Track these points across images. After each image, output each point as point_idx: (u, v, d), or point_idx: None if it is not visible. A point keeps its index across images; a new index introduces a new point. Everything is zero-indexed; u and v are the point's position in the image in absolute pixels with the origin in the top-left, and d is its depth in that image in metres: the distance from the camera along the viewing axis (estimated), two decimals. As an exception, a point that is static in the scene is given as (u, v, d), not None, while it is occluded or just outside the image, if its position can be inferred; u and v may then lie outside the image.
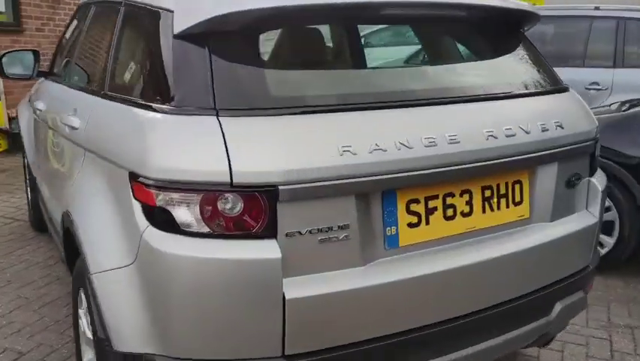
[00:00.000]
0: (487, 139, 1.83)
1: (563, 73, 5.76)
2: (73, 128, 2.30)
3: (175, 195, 1.57)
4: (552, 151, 2.00)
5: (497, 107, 1.96)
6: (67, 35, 3.44)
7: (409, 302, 1.77)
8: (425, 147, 1.72)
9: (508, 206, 1.98)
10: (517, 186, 1.99)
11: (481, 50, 2.36)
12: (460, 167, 1.78)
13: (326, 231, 1.63)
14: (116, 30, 2.30)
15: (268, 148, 1.57)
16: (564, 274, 2.13)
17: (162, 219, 1.60)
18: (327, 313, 1.65)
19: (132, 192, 1.67)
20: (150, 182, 1.59)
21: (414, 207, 1.78)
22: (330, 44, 2.25)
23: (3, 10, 7.16)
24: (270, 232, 1.58)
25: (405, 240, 1.78)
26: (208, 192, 1.55)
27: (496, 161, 1.85)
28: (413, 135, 1.71)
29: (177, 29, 1.73)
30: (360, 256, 1.69)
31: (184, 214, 1.57)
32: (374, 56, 7.57)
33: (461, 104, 1.88)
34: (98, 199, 1.92)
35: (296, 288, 1.60)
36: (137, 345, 1.66)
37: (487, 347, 1.94)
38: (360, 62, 2.15)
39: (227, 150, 1.54)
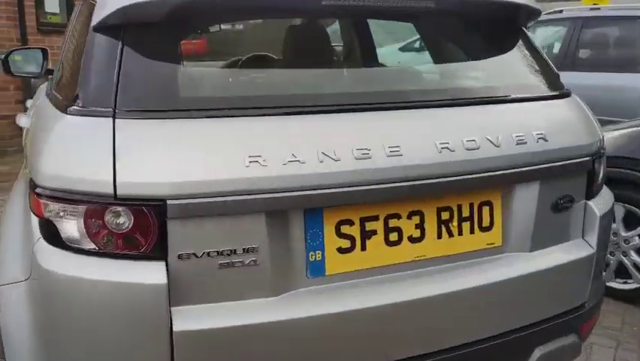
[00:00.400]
0: (441, 152, 1.54)
1: (626, 79, 5.27)
2: (23, 129, 2.20)
3: (59, 206, 1.39)
4: (531, 168, 1.68)
5: (460, 115, 1.66)
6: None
7: (335, 342, 1.50)
8: (356, 159, 1.46)
9: (473, 231, 1.67)
10: (485, 209, 1.68)
11: (461, 48, 2.04)
12: (403, 184, 1.51)
13: (228, 254, 1.40)
14: (71, 25, 2.18)
15: (160, 156, 1.37)
16: (547, 315, 1.80)
17: (50, 233, 1.43)
18: (227, 350, 1.42)
19: (29, 201, 1.52)
20: (39, 190, 1.42)
21: (346, 229, 1.52)
22: (257, 42, 2.01)
23: (57, 11, 7.36)
24: (158, 253, 1.37)
25: (333, 267, 1.52)
26: (92, 204, 1.36)
27: (453, 178, 1.56)
28: (341, 146, 1.46)
29: (94, 21, 1.56)
30: (273, 285, 1.45)
31: (69, 228, 1.40)
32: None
33: (410, 111, 1.60)
34: (15, 207, 1.79)
35: (187, 319, 1.38)
36: None
37: None
38: (286, 62, 1.91)
39: (114, 157, 1.35)
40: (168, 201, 1.34)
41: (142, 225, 1.36)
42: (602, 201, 1.91)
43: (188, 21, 1.60)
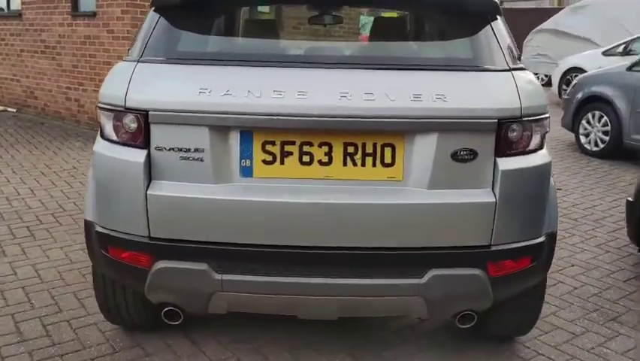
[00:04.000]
0: (340, 99, 2.11)
1: None
2: None
3: (102, 113, 2.32)
4: (426, 121, 2.14)
5: (366, 75, 2.19)
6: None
7: (252, 221, 2.18)
8: (272, 97, 2.12)
9: (375, 165, 2.20)
10: (388, 149, 2.19)
11: (414, 27, 2.52)
12: (308, 118, 2.12)
13: (185, 151, 2.18)
14: None
15: (149, 84, 2.21)
16: (442, 243, 2.21)
17: (101, 130, 2.37)
18: (179, 211, 2.20)
19: None
20: (98, 104, 2.38)
21: (269, 147, 2.19)
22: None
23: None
24: (145, 144, 2.21)
25: (259, 173, 2.21)
26: (116, 112, 2.26)
27: (349, 119, 2.12)
28: (263, 87, 2.13)
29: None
30: (213, 176, 2.19)
31: (106, 127, 2.31)
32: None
33: (323, 69, 2.19)
34: None
35: (157, 187, 2.20)
36: (87, 214, 2.47)
37: (335, 283, 2.21)
38: (248, 31, 2.61)
39: (128, 84, 2.23)
40: (150, 112, 2.17)
41: (137, 126, 2.21)
42: (519, 162, 2.23)
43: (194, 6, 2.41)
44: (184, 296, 2.34)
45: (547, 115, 2.35)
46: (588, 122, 7.57)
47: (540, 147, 2.34)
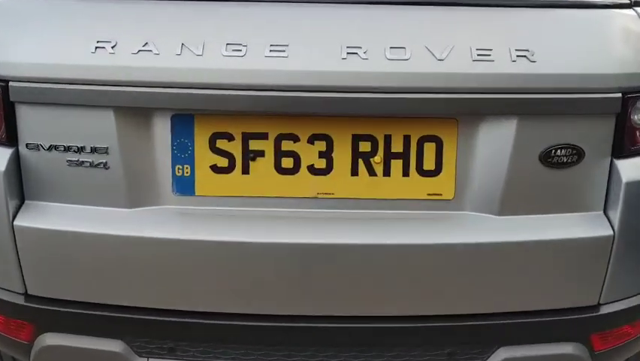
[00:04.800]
0: (345, 58, 1.18)
1: None
2: None
3: None
4: (497, 96, 1.21)
5: (391, 16, 1.25)
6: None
7: (199, 273, 1.28)
8: (225, 55, 1.18)
9: (407, 174, 1.27)
10: (429, 146, 1.26)
11: None
12: (289, 93, 1.19)
13: (76, 151, 1.25)
14: None
15: (10, 35, 1.26)
16: (518, 307, 1.32)
17: None
18: (76, 256, 1.29)
19: None
20: None
21: (223, 144, 1.26)
22: None
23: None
24: (8, 139, 1.28)
25: (205, 188, 1.28)
26: None
27: (363, 94, 1.19)
28: (209, 37, 1.20)
29: None
30: (126, 195, 1.27)
31: None
32: None
33: (315, 6, 1.25)
34: None
35: (31, 215, 1.28)
36: None
37: None
38: None
39: None
40: (11, 83, 1.23)
41: None
42: None
43: None
44: None
45: None
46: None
47: (678, 138, 1.41)
